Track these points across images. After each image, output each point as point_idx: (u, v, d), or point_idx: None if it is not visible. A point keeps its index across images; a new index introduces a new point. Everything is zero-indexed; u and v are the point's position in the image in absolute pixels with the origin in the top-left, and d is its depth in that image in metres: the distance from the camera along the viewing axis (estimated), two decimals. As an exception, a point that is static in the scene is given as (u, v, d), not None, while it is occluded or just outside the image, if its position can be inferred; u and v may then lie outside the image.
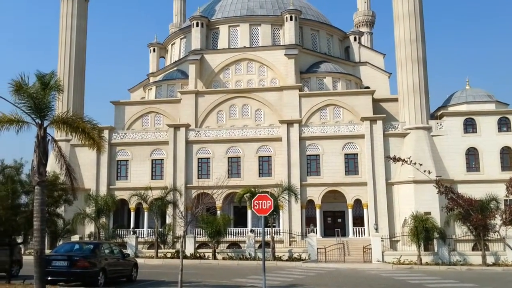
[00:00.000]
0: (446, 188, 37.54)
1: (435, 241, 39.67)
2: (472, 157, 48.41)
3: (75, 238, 42.48)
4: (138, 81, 69.06)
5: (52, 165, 35.63)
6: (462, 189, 41.26)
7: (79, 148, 51.05)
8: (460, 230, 41.49)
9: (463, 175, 47.41)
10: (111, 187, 51.70)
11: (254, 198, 21.58)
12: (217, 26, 61.26)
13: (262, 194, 22.91)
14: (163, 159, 52.00)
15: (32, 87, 24.85)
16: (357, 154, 49.34)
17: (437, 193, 30.11)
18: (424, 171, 36.50)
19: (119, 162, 52.68)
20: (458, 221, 39.03)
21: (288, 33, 58.17)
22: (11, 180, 25.56)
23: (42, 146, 24.15)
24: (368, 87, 59.64)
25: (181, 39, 65.09)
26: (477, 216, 36.01)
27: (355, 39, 65.09)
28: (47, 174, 23.04)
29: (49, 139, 25.32)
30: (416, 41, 50.26)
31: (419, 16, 50.99)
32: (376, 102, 54.89)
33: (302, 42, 60.26)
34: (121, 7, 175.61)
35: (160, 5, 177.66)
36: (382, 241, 41.26)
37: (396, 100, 52.51)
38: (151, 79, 66.07)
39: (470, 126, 48.95)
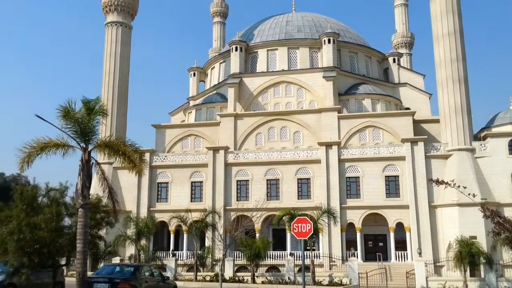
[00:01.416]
0: (492, 212, 36.01)
1: (481, 267, 38.13)
2: (518, 179, 46.58)
3: (116, 260, 43.11)
4: (178, 105, 70.63)
5: (95, 188, 36.51)
6: (508, 213, 39.54)
7: (121, 171, 52.27)
8: (507, 255, 39.79)
9: (509, 198, 45.63)
10: (151, 209, 52.53)
11: (294, 221, 21.50)
12: (255, 50, 62.10)
13: (301, 217, 22.78)
14: (202, 182, 52.55)
15: (78, 113, 25.80)
16: (398, 176, 48.39)
17: (483, 217, 29.03)
18: (469, 194, 35.29)
19: (159, 184, 53.57)
20: (505, 246, 37.41)
21: (326, 55, 58.28)
22: (55, 202, 26.36)
23: (86, 170, 24.90)
24: (408, 108, 58.76)
25: (220, 63, 66.29)
26: (525, 241, 34.46)
27: (394, 61, 64.51)
28: (90, 196, 23.70)
29: (93, 163, 26.11)
30: (457, 60, 49.33)
31: (459, 35, 50.15)
32: (416, 123, 53.94)
33: (340, 64, 60.22)
34: (163, 32, 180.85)
35: (201, 30, 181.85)
36: (426, 266, 39.98)
37: (437, 121, 51.46)
38: (191, 103, 67.32)
39: (516, 147, 47.26)
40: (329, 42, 58.54)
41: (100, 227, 28.57)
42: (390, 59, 64.65)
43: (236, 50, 60.67)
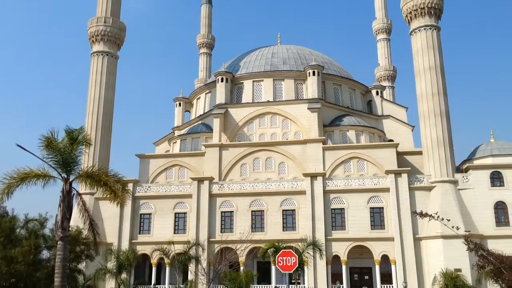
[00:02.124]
0: (475, 244, 36.14)
1: (467, 300, 37.92)
2: (501, 211, 47.03)
3: (96, 293, 41.92)
4: (163, 135, 70.37)
5: (76, 219, 35.75)
6: (492, 245, 39.70)
7: (102, 201, 51.45)
8: (493, 289, 39.60)
9: (492, 230, 45.90)
10: (133, 241, 51.55)
11: (278, 254, 21.19)
12: (241, 81, 62.57)
13: (286, 250, 22.48)
14: (186, 213, 51.93)
15: (61, 142, 25.47)
16: (382, 208, 48.44)
17: (467, 250, 29.17)
18: (452, 226, 35.43)
19: (142, 215, 52.78)
20: (490, 279, 37.26)
21: (311, 87, 58.93)
22: (34, 234, 25.77)
23: (66, 201, 24.44)
24: (391, 140, 59.32)
25: (206, 93, 66.56)
26: (509, 274, 34.39)
27: (377, 93, 65.48)
28: (70, 228, 23.14)
29: (74, 194, 25.66)
30: (438, 94, 50.27)
31: (440, 70, 51.24)
32: (400, 155, 54.39)
33: (325, 96, 60.89)
34: (149, 62, 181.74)
35: (187, 61, 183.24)
36: (411, 299, 39.62)
37: (420, 153, 52.00)
38: (176, 133, 67.15)
39: (497, 179, 47.87)
40: (313, 74, 59.32)
41: (79, 260, 27.95)
42: (374, 92, 65.62)
43: (222, 81, 61.06)
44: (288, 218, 50.06)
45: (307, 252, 41.28)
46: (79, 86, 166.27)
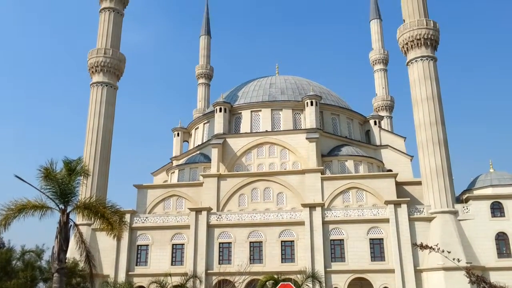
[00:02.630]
0: (477, 277, 35.63)
1: (470, 334, 37.15)
2: (502, 243, 46.61)
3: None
4: (161, 165, 70.22)
5: (72, 250, 35.30)
6: (494, 277, 39.21)
7: (99, 232, 50.79)
8: (496, 322, 38.85)
9: (494, 262, 45.39)
10: (130, 273, 50.74)
11: (277, 287, 20.82)
12: (239, 111, 62.86)
13: (285, 282, 22.18)
14: (183, 244, 51.32)
15: (59, 173, 25.35)
16: (382, 239, 47.97)
17: (469, 283, 28.71)
18: (454, 259, 34.98)
19: (139, 246, 52.14)
20: (493, 313, 36.67)
21: (309, 117, 59.21)
22: (31, 266, 25.39)
23: (63, 232, 24.15)
24: (390, 170, 59.26)
25: (204, 123, 66.76)
26: (513, 307, 33.84)
27: (375, 123, 65.76)
28: (66, 260, 22.80)
29: (71, 225, 25.38)
30: (436, 124, 50.47)
31: (437, 100, 51.57)
32: (399, 185, 54.23)
33: (323, 126, 61.11)
34: (148, 92, 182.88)
35: (185, 91, 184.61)
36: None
37: (419, 183, 51.87)
38: (174, 163, 67.01)
39: (497, 210, 47.65)
40: (311, 104, 59.68)
41: (75, 293, 27.46)
42: (371, 122, 65.90)
43: (220, 111, 61.34)
44: (287, 250, 49.49)
45: (306, 285, 40.56)
46: (79, 116, 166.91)
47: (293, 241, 49.45)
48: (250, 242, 49.99)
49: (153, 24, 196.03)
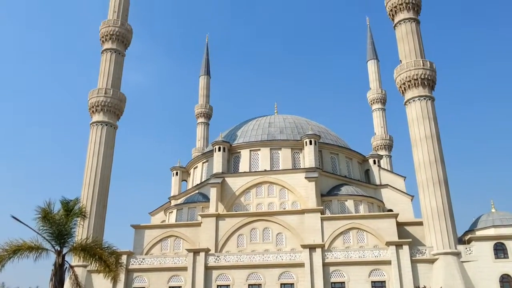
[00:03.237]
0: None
1: None
2: (507, 285, 45.58)
3: None
4: (159, 204, 69.48)
5: (68, 294, 34.33)
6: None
7: (95, 274, 49.73)
8: None
9: (500, 305, 44.29)
10: (126, 316, 49.39)
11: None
12: (238, 151, 62.79)
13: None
14: (181, 286, 50.11)
15: (57, 214, 24.99)
16: (384, 281, 46.88)
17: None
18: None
19: (135, 289, 50.92)
20: None
21: (308, 156, 59.11)
22: (24, 311, 24.65)
23: (58, 275, 23.57)
24: (391, 210, 58.71)
25: (203, 163, 66.56)
26: None
27: (374, 162, 65.62)
28: (61, 305, 22.19)
29: (66, 267, 24.78)
30: (436, 163, 50.30)
31: (436, 139, 51.59)
32: (400, 226, 53.55)
33: (322, 165, 60.94)
34: (147, 131, 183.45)
35: (184, 130, 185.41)
36: None
37: (420, 223, 51.24)
38: (173, 202, 66.39)
39: (500, 251, 46.87)
40: (310, 143, 59.70)
41: None
42: (371, 161, 65.78)
43: (219, 150, 61.26)
44: (287, 292, 48.36)
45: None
46: (77, 155, 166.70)
47: (293, 283, 48.35)
48: (249, 285, 48.87)
49: (153, 63, 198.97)
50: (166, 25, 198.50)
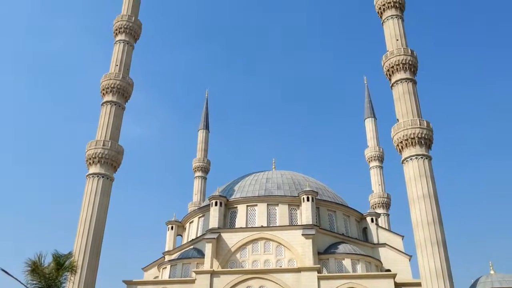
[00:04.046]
0: None
1: None
2: None
3: None
4: (153, 259, 68.12)
5: None
6: None
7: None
8: None
9: None
10: None
11: None
12: (235, 206, 62.30)
13: None
14: None
15: (47, 268, 24.41)
16: None
17: None
18: None
19: None
20: None
21: (305, 213, 58.62)
22: None
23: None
24: (389, 270, 57.59)
25: (199, 217, 65.87)
26: None
27: (372, 221, 65.01)
28: None
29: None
30: (434, 223, 49.71)
31: (434, 199, 51.20)
32: (398, 286, 52.31)
33: (319, 222, 60.33)
34: (142, 184, 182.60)
35: (181, 184, 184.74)
36: None
37: (419, 284, 49.94)
38: (167, 257, 65.11)
39: (502, 315, 45.59)
40: (307, 200, 59.36)
41: None
42: (368, 219, 65.17)
43: (216, 204, 60.79)
44: None
45: None
46: (72, 206, 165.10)
47: None
48: None
49: (152, 116, 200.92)
50: (167, 78, 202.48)
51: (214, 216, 59.97)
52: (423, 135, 54.06)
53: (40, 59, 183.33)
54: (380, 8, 63.09)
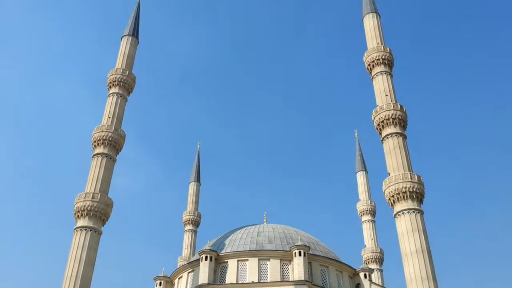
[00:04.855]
0: None
1: None
2: None
3: None
4: (140, 317, 65.81)
5: None
6: None
7: None
8: None
9: None
10: None
11: None
12: (226, 260, 60.99)
13: None
14: None
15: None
16: None
17: None
18: None
19: None
20: None
21: (297, 268, 57.43)
22: None
23: None
24: (383, 328, 55.89)
25: (188, 272, 64.24)
26: None
27: (365, 276, 63.67)
28: None
29: None
30: (428, 279, 48.68)
31: (427, 253, 50.42)
32: None
33: (312, 277, 59.01)
34: (131, 237, 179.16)
35: (171, 237, 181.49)
36: None
37: None
38: (154, 315, 62.94)
39: None
40: (299, 254, 58.30)
41: None
42: (361, 275, 63.83)
43: (206, 259, 59.49)
44: None
45: None
46: (57, 262, 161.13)
47: None
48: None
49: (143, 168, 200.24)
50: (158, 130, 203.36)
51: (204, 271, 58.53)
52: (414, 189, 53.97)
53: (29, 110, 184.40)
54: (369, 65, 64.73)
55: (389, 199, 55.17)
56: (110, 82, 69.25)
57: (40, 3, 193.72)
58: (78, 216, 58.87)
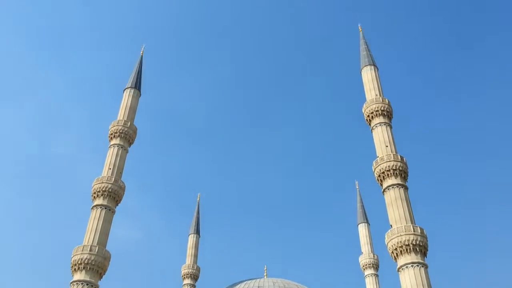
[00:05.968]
0: None
1: None
2: None
3: None
4: None
5: None
6: None
7: None
8: None
9: None
10: None
11: None
12: (224, 316, 59.18)
13: None
14: None
15: None
16: None
17: None
18: None
19: None
20: None
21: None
22: None
23: None
24: None
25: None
26: None
27: None
28: None
29: None
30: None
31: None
32: None
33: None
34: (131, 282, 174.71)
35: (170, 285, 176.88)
36: None
37: None
38: None
39: None
40: (301, 310, 56.61)
41: None
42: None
43: (205, 315, 57.70)
44: None
45: None
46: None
47: None
48: None
49: (140, 218, 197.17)
50: (158, 181, 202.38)
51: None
52: (417, 242, 52.96)
53: (31, 160, 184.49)
54: (368, 116, 65.24)
55: (392, 252, 54.06)
56: (112, 134, 69.59)
57: (44, 57, 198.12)
58: (75, 269, 57.57)
